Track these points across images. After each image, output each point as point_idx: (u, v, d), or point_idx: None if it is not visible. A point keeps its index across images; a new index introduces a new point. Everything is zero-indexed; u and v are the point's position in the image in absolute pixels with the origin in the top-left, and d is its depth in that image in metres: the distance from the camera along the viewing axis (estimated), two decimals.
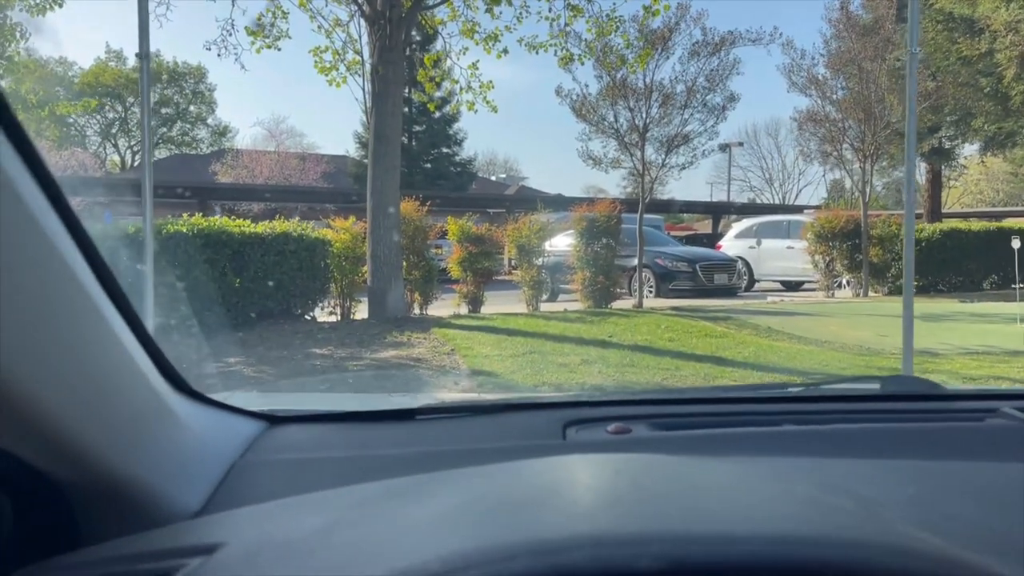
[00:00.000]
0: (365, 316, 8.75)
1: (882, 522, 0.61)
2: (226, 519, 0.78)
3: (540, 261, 10.64)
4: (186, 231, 7.48)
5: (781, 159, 50.97)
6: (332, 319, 8.88)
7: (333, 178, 30.76)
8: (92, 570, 0.70)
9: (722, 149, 39.45)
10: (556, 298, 11.85)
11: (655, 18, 10.01)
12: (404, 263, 9.23)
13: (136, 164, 38.74)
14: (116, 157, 43.73)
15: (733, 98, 11.32)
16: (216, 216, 8.44)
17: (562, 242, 11.46)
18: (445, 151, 31.48)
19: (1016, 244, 9.41)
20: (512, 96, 65.02)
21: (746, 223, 17.55)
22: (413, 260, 9.56)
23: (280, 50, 9.71)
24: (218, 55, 9.20)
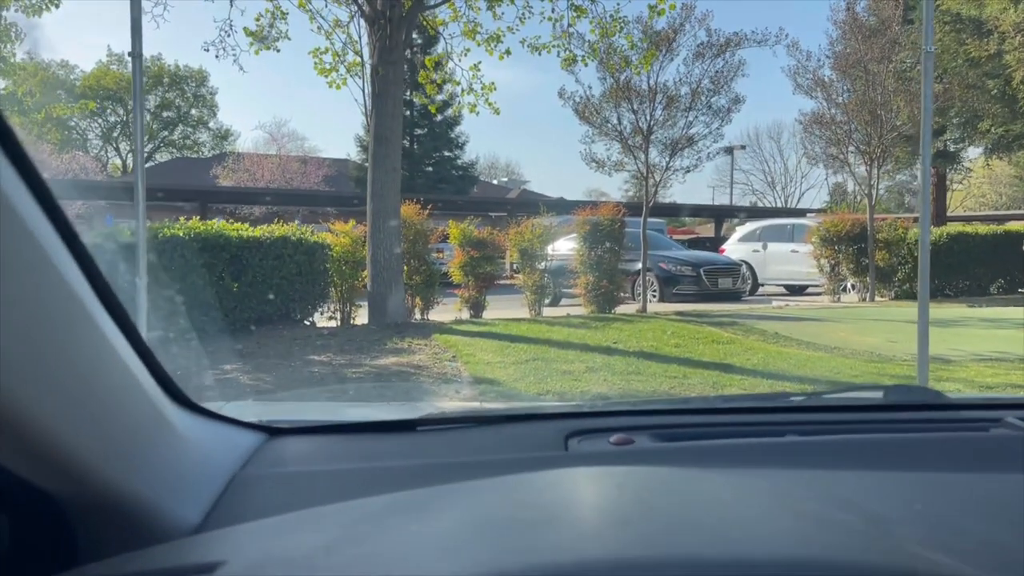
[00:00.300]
0: (365, 321, 8.62)
1: (892, 541, 0.61)
2: (226, 536, 0.76)
3: (543, 265, 10.51)
4: (182, 235, 7.35)
5: (783, 162, 50.92)
6: (332, 324, 8.75)
7: (335, 182, 30.71)
8: None
9: (727, 152, 39.33)
10: (558, 302, 11.71)
11: (660, 18, 9.88)
12: (405, 267, 9.12)
13: None
14: (117, 160, 43.79)
15: (738, 100, 11.18)
16: (214, 220, 8.31)
17: (564, 246, 11.32)
18: (447, 155, 31.42)
19: None
20: (514, 100, 65.08)
21: (749, 227, 17.41)
22: (414, 264, 9.45)
23: (279, 51, 9.61)
24: (216, 56, 9.09)
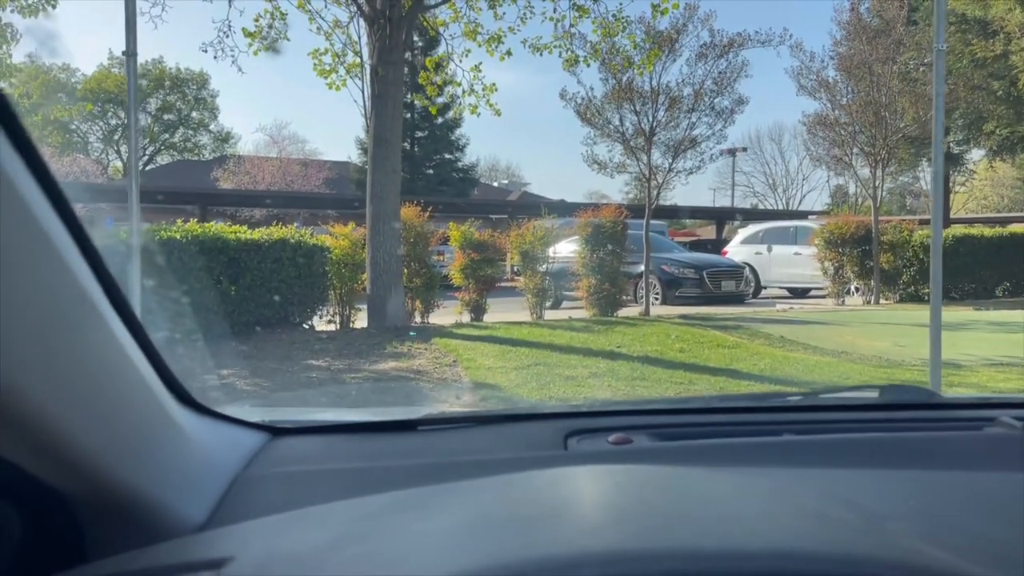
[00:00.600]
0: (364, 325, 8.50)
1: (887, 536, 0.61)
2: (233, 533, 0.77)
3: (544, 268, 10.40)
4: (180, 237, 7.25)
5: (784, 164, 50.83)
6: (331, 328, 8.64)
7: (335, 184, 30.64)
8: None
9: (729, 153, 39.23)
10: (560, 305, 11.59)
11: (663, 18, 9.77)
12: (405, 270, 9.01)
13: (142, 170, 38.65)
14: (119, 163, 43.72)
15: (741, 101, 11.08)
16: (212, 223, 8.20)
17: (566, 248, 11.19)
18: (447, 157, 31.34)
19: None
20: (514, 101, 65.06)
21: (752, 229, 17.28)
22: (414, 267, 9.33)
23: (278, 52, 9.51)
24: (214, 57, 9.01)
